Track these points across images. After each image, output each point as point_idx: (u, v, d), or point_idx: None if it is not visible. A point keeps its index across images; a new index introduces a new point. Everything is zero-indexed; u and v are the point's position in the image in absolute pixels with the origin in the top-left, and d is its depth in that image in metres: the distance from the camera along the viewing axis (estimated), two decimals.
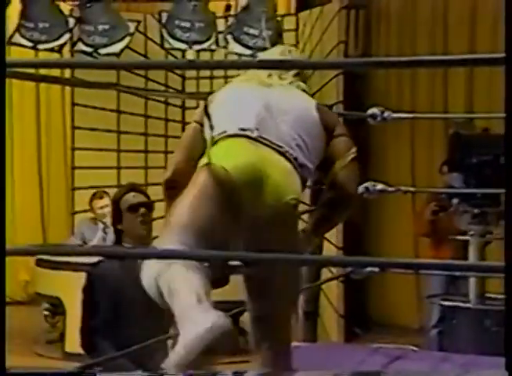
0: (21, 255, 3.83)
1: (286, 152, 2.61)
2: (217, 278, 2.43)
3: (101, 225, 7.04)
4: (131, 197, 3.95)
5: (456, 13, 7.88)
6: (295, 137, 2.67)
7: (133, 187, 4.13)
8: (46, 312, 7.37)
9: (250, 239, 2.51)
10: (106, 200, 7.09)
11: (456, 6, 7.86)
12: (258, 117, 2.63)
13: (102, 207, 7.00)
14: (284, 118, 2.68)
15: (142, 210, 3.90)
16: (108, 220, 6.75)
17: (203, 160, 2.51)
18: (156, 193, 9.18)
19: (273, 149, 2.58)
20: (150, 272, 2.34)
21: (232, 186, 2.46)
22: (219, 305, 5.21)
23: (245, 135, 2.58)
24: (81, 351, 4.17)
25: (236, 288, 2.68)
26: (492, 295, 6.36)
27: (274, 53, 3.09)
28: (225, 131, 2.58)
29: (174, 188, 2.64)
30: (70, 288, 6.38)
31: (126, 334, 3.65)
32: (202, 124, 2.71)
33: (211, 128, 2.61)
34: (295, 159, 2.62)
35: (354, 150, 2.97)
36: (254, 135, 2.58)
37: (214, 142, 2.56)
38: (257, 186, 2.49)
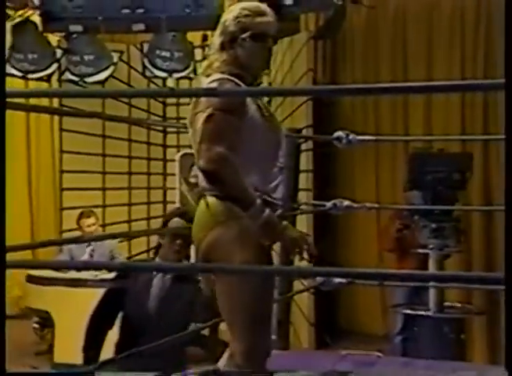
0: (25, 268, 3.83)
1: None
2: None
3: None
4: (178, 223, 3.96)
5: (414, 44, 7.99)
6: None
7: (183, 213, 4.07)
8: (36, 325, 7.32)
9: None
10: (93, 219, 7.08)
11: (414, 37, 7.97)
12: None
13: (89, 226, 6.98)
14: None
15: (179, 241, 3.91)
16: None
17: None
18: (139, 211, 9.19)
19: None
20: None
21: None
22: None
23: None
24: (68, 361, 4.16)
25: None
26: (450, 304, 6.44)
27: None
28: None
29: None
30: (58, 303, 6.38)
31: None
32: None
33: None
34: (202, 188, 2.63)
35: (206, 113, 2.49)
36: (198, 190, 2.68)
37: None
38: None
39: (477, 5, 7.72)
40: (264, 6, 2.73)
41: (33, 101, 6.82)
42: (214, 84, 2.55)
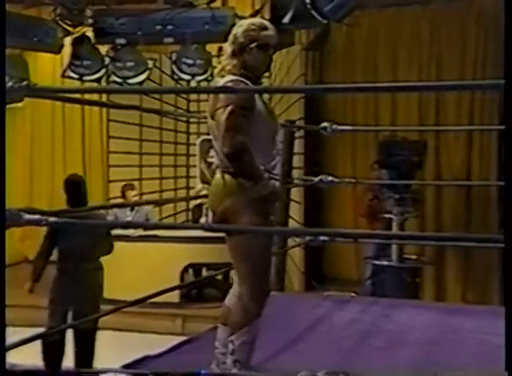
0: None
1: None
2: None
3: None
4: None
5: (382, 54, 7.98)
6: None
7: None
8: None
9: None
10: (135, 191, 7.12)
11: (382, 48, 7.97)
12: None
13: (134, 196, 7.03)
14: None
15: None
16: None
17: None
18: (168, 183, 9.18)
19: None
20: None
21: None
22: (216, 266, 5.18)
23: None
24: (116, 297, 4.21)
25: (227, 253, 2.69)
26: (408, 256, 6.49)
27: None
28: None
29: None
30: None
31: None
32: None
33: None
34: (216, 166, 2.61)
35: (228, 109, 2.45)
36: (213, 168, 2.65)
37: None
38: None
39: (432, 21, 7.72)
40: (267, 22, 2.76)
41: (87, 97, 6.84)
42: (230, 84, 2.56)
